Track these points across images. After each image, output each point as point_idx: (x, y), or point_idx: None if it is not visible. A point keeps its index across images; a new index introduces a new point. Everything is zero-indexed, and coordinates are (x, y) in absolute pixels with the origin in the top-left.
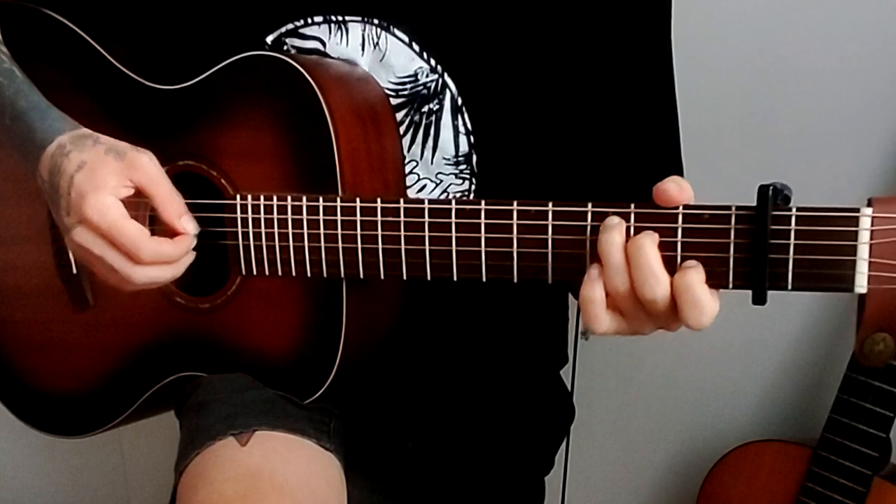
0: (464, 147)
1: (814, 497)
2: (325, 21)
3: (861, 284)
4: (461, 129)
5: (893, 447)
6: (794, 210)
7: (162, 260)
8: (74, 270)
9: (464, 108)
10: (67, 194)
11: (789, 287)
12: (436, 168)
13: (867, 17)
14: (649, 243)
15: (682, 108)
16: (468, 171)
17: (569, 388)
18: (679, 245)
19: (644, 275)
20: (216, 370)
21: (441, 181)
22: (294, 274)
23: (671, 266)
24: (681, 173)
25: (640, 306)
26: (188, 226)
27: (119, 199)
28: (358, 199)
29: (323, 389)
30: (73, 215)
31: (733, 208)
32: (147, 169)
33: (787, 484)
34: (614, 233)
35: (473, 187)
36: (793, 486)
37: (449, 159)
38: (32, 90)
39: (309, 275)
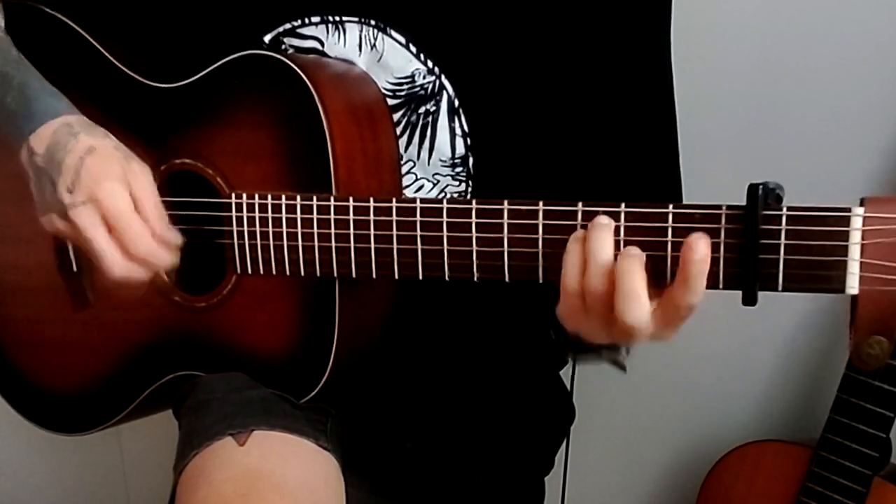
0: (460, 149)
1: (814, 497)
2: (322, 21)
3: (852, 285)
4: (458, 130)
5: (893, 447)
6: (784, 210)
7: (151, 261)
8: (74, 269)
9: (460, 110)
10: (75, 172)
11: (780, 288)
12: (432, 169)
13: (863, 18)
14: (638, 268)
15: (677, 106)
16: (464, 174)
17: (569, 388)
18: (669, 245)
19: (625, 293)
20: (213, 369)
21: (438, 181)
22: (288, 273)
23: (661, 266)
24: (678, 180)
25: (610, 310)
26: (171, 236)
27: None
28: (351, 199)
29: (317, 389)
30: (79, 193)
31: (724, 208)
32: (143, 180)
33: (787, 484)
34: (604, 232)
35: (470, 189)
36: (793, 486)
37: (445, 161)
38: (38, 76)
39: (302, 274)
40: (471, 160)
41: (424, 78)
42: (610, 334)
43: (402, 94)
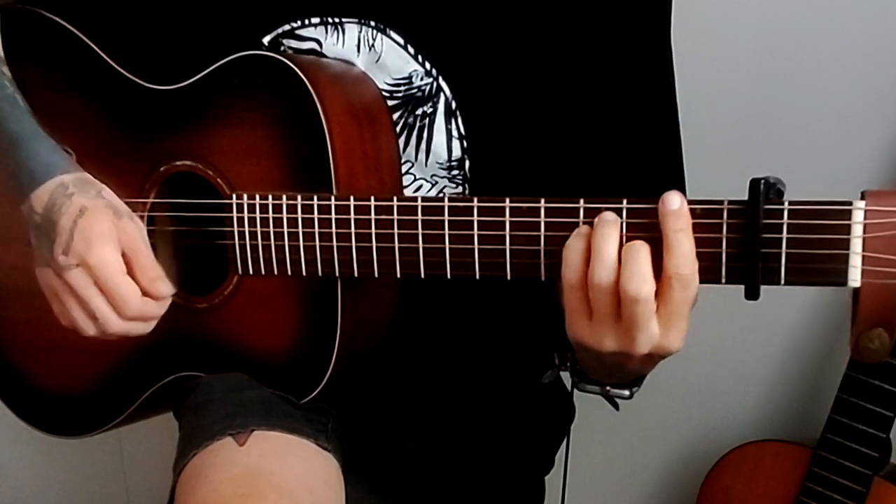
0: (457, 152)
1: (814, 497)
2: (321, 22)
3: (854, 278)
4: (454, 133)
5: (893, 447)
6: (786, 204)
7: (143, 317)
8: None
9: (457, 112)
10: (69, 235)
11: (782, 282)
12: (430, 170)
13: (863, 16)
14: (644, 249)
15: (678, 103)
16: (461, 177)
17: (569, 388)
18: None
19: (631, 271)
20: (214, 370)
21: (436, 182)
22: (289, 273)
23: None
24: (682, 181)
25: (615, 306)
26: (162, 288)
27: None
28: (352, 198)
29: (319, 389)
30: (72, 257)
31: (725, 202)
32: (134, 236)
33: (787, 484)
34: (611, 228)
35: (467, 192)
36: (793, 486)
37: (442, 164)
38: (32, 119)
39: (304, 274)
40: (467, 163)
41: (422, 79)
42: (616, 336)
43: (400, 95)
